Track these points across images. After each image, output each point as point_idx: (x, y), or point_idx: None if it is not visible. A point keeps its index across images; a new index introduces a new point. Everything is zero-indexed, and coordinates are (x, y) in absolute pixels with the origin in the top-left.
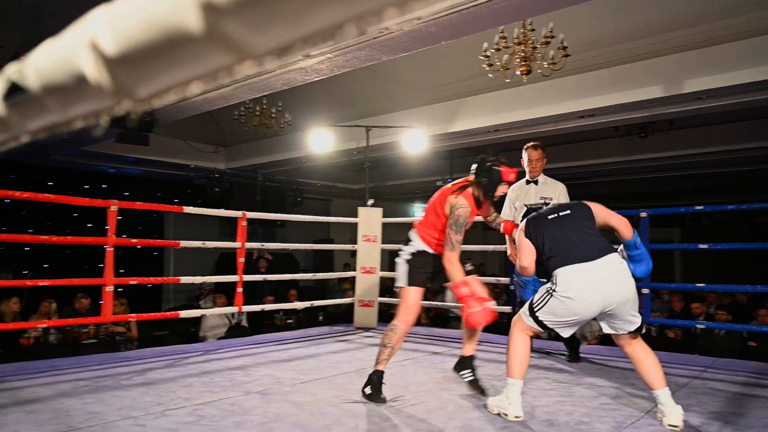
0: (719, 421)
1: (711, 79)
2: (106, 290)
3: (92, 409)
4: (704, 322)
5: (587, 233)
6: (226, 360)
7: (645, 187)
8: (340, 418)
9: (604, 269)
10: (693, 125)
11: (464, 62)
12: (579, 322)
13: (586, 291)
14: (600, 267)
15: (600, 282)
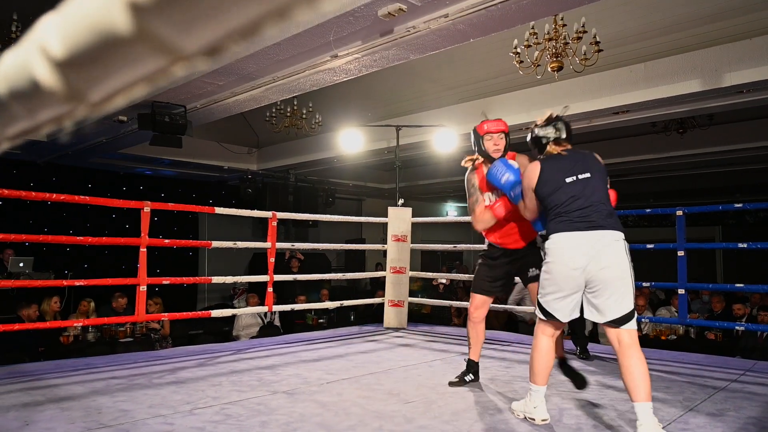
0: (757, 427)
1: (752, 71)
2: (140, 290)
3: (123, 407)
4: (744, 323)
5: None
6: (256, 359)
7: (683, 185)
8: (364, 419)
9: (597, 241)
10: (734, 120)
11: (494, 59)
12: (566, 296)
13: (567, 257)
14: (591, 237)
15: (585, 251)
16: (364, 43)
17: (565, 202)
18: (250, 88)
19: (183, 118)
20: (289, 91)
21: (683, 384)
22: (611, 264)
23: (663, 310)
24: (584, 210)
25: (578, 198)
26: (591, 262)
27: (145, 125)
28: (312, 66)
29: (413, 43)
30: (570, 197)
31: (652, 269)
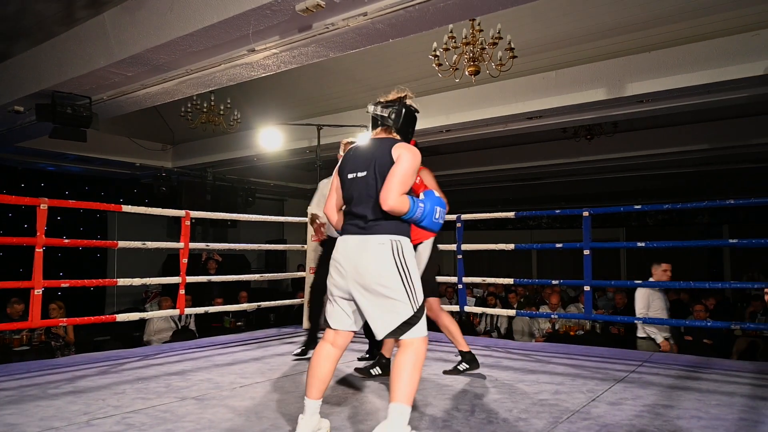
0: (651, 414)
1: (651, 82)
2: (34, 294)
3: (11, 420)
4: (642, 317)
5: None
6: (165, 365)
7: (592, 189)
8: (277, 422)
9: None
10: (636, 128)
11: (415, 62)
12: (334, 300)
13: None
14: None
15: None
16: (282, 38)
17: (345, 200)
18: (161, 80)
19: (88, 110)
20: (204, 85)
21: (587, 376)
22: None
23: (572, 306)
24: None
25: (352, 197)
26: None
27: (45, 116)
28: (228, 60)
29: (332, 40)
30: (347, 196)
31: (561, 268)
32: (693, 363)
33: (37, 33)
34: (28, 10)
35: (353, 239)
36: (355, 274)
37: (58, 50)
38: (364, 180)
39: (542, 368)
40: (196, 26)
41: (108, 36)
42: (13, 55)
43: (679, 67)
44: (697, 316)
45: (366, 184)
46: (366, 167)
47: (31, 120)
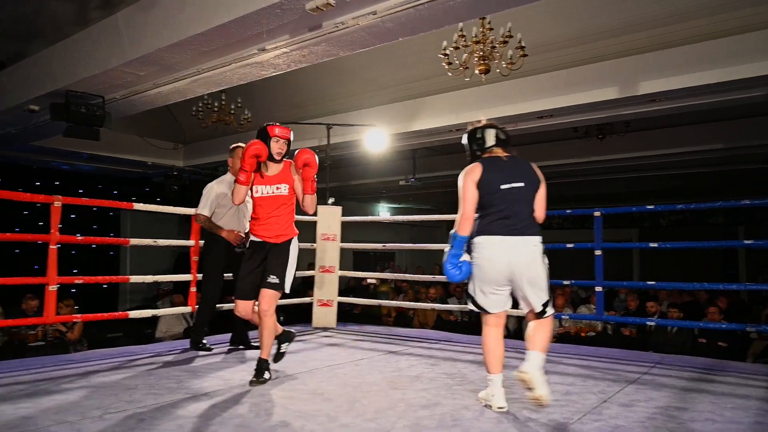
0: (664, 416)
1: (664, 81)
2: (48, 290)
3: (26, 413)
4: (655, 319)
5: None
6: (176, 362)
7: (603, 189)
8: (286, 419)
9: (515, 242)
10: (649, 127)
11: (425, 61)
12: (495, 291)
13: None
14: (509, 240)
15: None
16: (292, 37)
17: (497, 207)
18: (173, 80)
19: (101, 109)
20: (216, 84)
21: (599, 377)
22: (528, 263)
23: (583, 308)
24: (512, 217)
25: (509, 205)
26: (512, 263)
27: (59, 116)
28: (239, 59)
29: (342, 39)
30: (503, 203)
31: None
32: (707, 365)
33: (52, 33)
34: (43, 11)
35: (512, 239)
36: (515, 266)
37: (72, 50)
38: (523, 190)
39: (553, 369)
40: (207, 26)
41: (121, 36)
42: (28, 55)
43: (692, 65)
44: (711, 318)
45: (524, 194)
46: (521, 179)
47: (46, 119)
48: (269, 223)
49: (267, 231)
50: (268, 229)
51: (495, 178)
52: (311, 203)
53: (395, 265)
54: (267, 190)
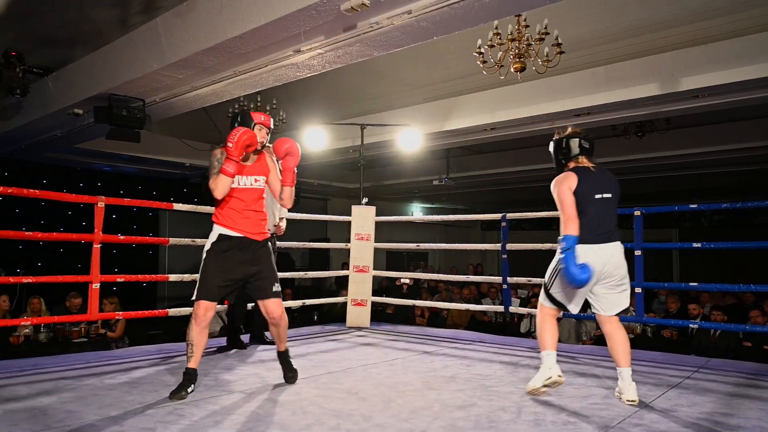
0: (709, 422)
1: (707, 76)
2: (92, 288)
3: (71, 408)
4: (698, 321)
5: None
6: (214, 359)
7: (642, 188)
8: (321, 417)
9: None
10: (690, 124)
11: (459, 60)
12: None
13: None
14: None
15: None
16: (327, 38)
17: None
18: (210, 82)
19: (141, 111)
20: (251, 86)
21: (639, 381)
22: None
23: None
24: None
25: (600, 214)
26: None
27: (102, 118)
28: (274, 61)
29: (377, 39)
30: (596, 212)
31: None
32: (754, 370)
33: (95, 39)
34: (86, 17)
35: (605, 246)
36: (607, 271)
37: (114, 55)
38: (612, 201)
39: (591, 371)
40: (243, 28)
41: (160, 40)
42: (72, 60)
43: (737, 59)
44: (755, 321)
45: (612, 204)
46: (610, 191)
47: (89, 122)
48: (250, 217)
49: (248, 226)
50: (250, 224)
51: (589, 188)
52: (290, 196)
53: (426, 265)
54: (245, 182)
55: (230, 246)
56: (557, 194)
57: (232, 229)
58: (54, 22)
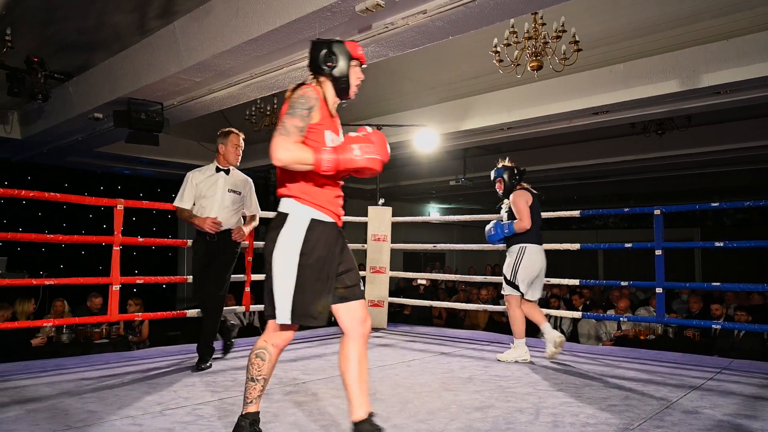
0: (732, 424)
1: (729, 72)
2: (112, 289)
3: (92, 408)
4: (721, 322)
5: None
6: (232, 360)
7: (662, 187)
8: (337, 418)
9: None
10: (712, 122)
11: (475, 59)
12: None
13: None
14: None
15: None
16: (343, 39)
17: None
18: (227, 85)
19: (160, 115)
20: (268, 88)
21: (660, 382)
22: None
23: (642, 309)
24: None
25: (540, 224)
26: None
27: (121, 122)
28: (290, 63)
29: (392, 39)
30: (538, 222)
31: (629, 271)
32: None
33: (114, 44)
34: (105, 23)
35: (542, 247)
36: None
37: (133, 59)
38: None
39: (611, 372)
40: (259, 31)
41: (178, 44)
42: (92, 65)
43: (760, 54)
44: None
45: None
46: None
47: (109, 126)
48: (341, 195)
49: (340, 208)
50: (340, 204)
51: (536, 205)
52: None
53: (443, 265)
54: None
55: (333, 239)
56: (519, 204)
57: (328, 213)
58: (74, 27)
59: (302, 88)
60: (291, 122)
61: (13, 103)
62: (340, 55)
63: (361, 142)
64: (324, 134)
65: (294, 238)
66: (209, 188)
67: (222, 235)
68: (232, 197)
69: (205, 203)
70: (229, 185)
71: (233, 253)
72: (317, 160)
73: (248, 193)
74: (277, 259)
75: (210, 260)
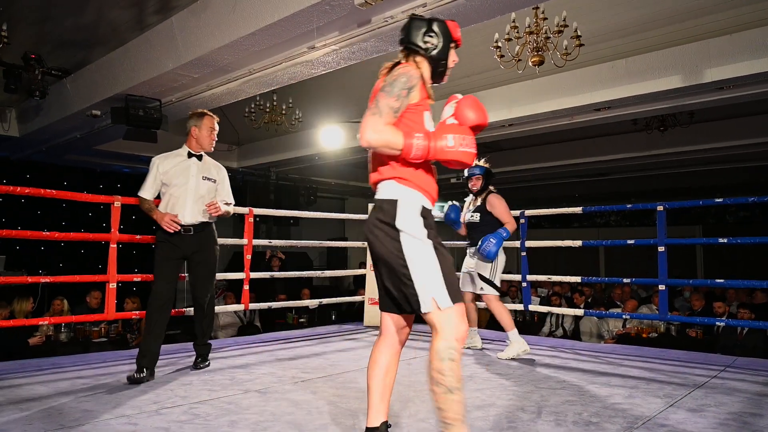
0: (737, 422)
1: (732, 67)
2: (109, 287)
3: (86, 407)
4: (725, 319)
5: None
6: (230, 358)
7: (665, 184)
8: (337, 417)
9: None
10: (715, 118)
11: (476, 55)
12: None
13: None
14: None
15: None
16: (342, 33)
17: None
18: (226, 81)
19: (158, 112)
20: (267, 84)
21: (664, 380)
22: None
23: (644, 308)
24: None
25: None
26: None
27: (119, 119)
28: (289, 58)
29: (391, 34)
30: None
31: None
32: None
33: (111, 40)
34: (103, 19)
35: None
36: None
37: (130, 55)
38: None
39: (614, 371)
40: (257, 25)
41: (176, 39)
42: (90, 62)
43: (764, 49)
44: None
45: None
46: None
47: (107, 123)
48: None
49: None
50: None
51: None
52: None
53: None
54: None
55: (432, 225)
56: (503, 207)
57: (429, 199)
58: (71, 24)
59: (403, 66)
60: (386, 102)
61: (11, 101)
62: (442, 35)
63: (456, 132)
64: (423, 115)
65: (415, 225)
66: (180, 175)
67: (199, 228)
68: (207, 185)
69: (177, 192)
70: (204, 172)
71: (215, 250)
72: (407, 146)
73: (222, 181)
74: (410, 252)
75: (186, 259)
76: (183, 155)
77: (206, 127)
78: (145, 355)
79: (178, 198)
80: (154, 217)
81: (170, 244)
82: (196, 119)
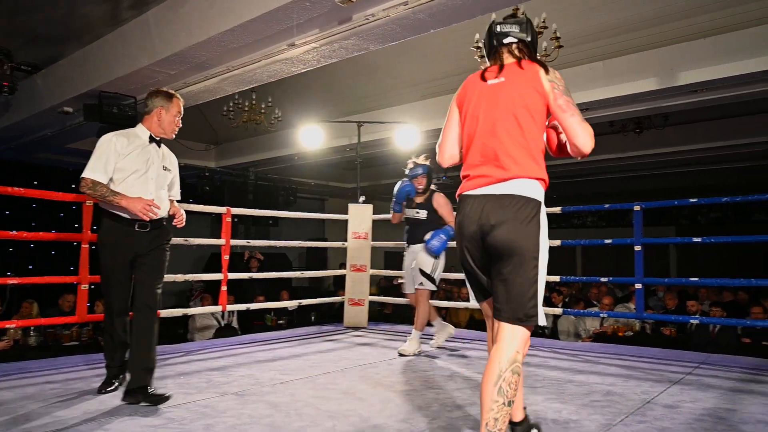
0: (712, 417)
1: (706, 71)
2: (80, 289)
3: (56, 413)
4: (698, 317)
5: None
6: (207, 361)
7: (640, 186)
8: (316, 419)
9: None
10: (689, 121)
11: (457, 55)
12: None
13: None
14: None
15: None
16: (322, 31)
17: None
18: (203, 78)
19: (133, 109)
20: (246, 82)
21: (641, 377)
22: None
23: (620, 307)
24: None
25: None
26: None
27: (92, 116)
28: (268, 55)
29: (372, 32)
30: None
31: (608, 269)
32: (755, 365)
33: (85, 35)
34: (76, 13)
35: None
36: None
37: (105, 51)
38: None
39: (592, 369)
40: (236, 21)
41: (151, 35)
42: (62, 57)
43: (737, 53)
44: (755, 318)
45: None
46: None
47: (80, 121)
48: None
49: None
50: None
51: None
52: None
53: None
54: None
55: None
56: (449, 206)
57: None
58: (43, 18)
59: (550, 68)
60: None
61: None
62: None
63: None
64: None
65: (546, 231)
66: (141, 161)
67: (157, 225)
68: (166, 176)
69: (136, 182)
70: (164, 161)
71: (166, 250)
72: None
73: (176, 173)
74: (542, 255)
75: (137, 258)
76: (143, 138)
77: (174, 111)
78: (111, 366)
79: (134, 188)
80: (122, 202)
81: (122, 246)
82: (163, 99)
